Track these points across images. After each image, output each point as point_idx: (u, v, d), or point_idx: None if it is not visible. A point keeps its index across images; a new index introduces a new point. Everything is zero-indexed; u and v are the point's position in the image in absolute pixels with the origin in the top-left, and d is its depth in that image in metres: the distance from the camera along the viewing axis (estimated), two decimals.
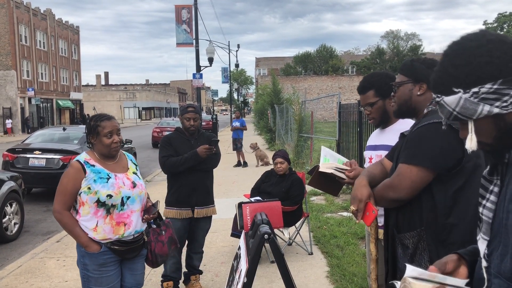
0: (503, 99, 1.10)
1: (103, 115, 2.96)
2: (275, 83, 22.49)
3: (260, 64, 72.70)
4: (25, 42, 43.16)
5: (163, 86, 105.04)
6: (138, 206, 2.95)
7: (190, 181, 4.23)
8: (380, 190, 1.98)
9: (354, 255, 5.27)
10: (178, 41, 23.20)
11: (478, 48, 1.14)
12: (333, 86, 52.53)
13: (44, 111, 46.97)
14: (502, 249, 1.14)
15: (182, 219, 4.27)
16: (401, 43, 68.01)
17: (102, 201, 2.79)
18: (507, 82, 1.09)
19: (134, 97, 77.08)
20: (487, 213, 1.21)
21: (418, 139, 1.87)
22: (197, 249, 4.51)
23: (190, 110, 4.28)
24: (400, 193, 1.87)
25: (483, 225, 1.23)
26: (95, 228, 2.82)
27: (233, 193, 9.70)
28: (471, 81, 1.13)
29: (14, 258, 6.02)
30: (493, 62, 1.11)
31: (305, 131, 13.30)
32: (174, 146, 4.25)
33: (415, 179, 1.84)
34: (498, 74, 1.10)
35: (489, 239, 1.20)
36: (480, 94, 1.12)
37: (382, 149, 2.71)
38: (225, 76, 52.07)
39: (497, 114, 1.12)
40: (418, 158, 1.84)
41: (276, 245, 2.18)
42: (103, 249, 2.84)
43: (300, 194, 5.45)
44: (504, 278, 1.12)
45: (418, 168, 1.83)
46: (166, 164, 4.19)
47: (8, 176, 7.08)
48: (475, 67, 1.13)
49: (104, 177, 2.84)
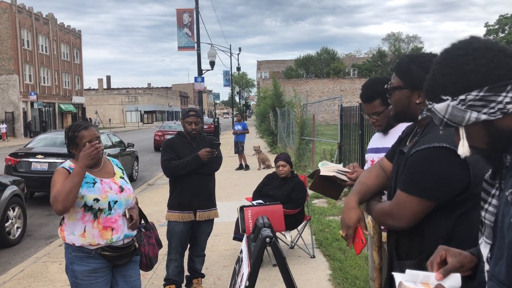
0: (490, 106, 1.12)
1: (80, 125, 2.87)
2: (277, 86, 22.49)
3: (262, 67, 72.78)
4: (27, 46, 43.32)
5: (165, 89, 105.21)
6: (125, 210, 2.92)
7: (192, 185, 4.25)
8: (378, 216, 1.88)
9: (356, 258, 5.27)
10: (180, 45, 23.23)
11: (464, 56, 1.16)
12: (334, 88, 52.53)
13: (46, 115, 47.10)
14: (497, 252, 1.15)
15: (185, 222, 4.29)
16: (403, 45, 67.93)
17: (89, 205, 2.75)
18: (493, 89, 1.11)
19: (136, 100, 77.21)
20: (489, 217, 1.22)
21: (418, 166, 1.71)
22: (199, 252, 4.53)
23: (192, 114, 4.32)
24: (400, 223, 1.76)
25: (486, 229, 1.23)
26: (83, 233, 2.77)
27: (235, 196, 9.71)
28: (458, 89, 1.15)
29: (17, 262, 6.03)
30: (478, 70, 1.13)
31: (306, 134, 13.30)
32: (176, 150, 4.28)
33: (416, 210, 1.71)
34: (483, 82, 1.12)
35: (492, 243, 1.20)
36: (467, 101, 1.14)
37: (385, 151, 2.70)
38: (226, 79, 52.12)
39: (486, 121, 1.14)
40: (420, 189, 1.69)
41: (278, 248, 2.18)
42: (93, 254, 2.80)
43: (302, 197, 5.45)
44: (497, 281, 1.13)
45: (419, 199, 1.69)
46: (168, 168, 4.20)
47: (10, 180, 7.10)
48: (462, 75, 1.15)
49: (90, 182, 2.81)
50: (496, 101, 1.11)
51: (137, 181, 13.05)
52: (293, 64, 68.59)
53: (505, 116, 1.12)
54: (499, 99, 1.11)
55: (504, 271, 1.10)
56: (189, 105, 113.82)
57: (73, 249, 2.82)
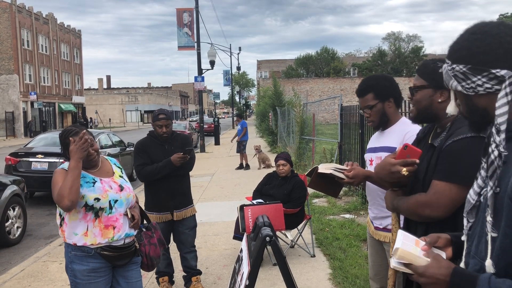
0: (467, 82, 1.30)
1: (72, 130, 2.87)
2: (277, 85, 22.49)
3: (262, 67, 72.74)
4: (27, 46, 43.33)
5: (165, 89, 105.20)
6: (126, 208, 2.93)
7: (166, 186, 4.31)
8: (413, 207, 1.88)
9: (356, 257, 5.27)
10: (180, 44, 23.22)
11: (471, 34, 1.31)
12: (334, 88, 52.50)
13: (46, 115, 47.10)
14: (480, 231, 1.23)
15: (163, 222, 4.36)
16: (403, 44, 67.94)
17: (90, 204, 2.76)
18: (473, 70, 1.27)
19: (136, 100, 77.19)
20: (473, 195, 1.30)
21: (456, 155, 1.78)
22: (189, 248, 4.57)
23: (162, 118, 4.27)
24: (438, 212, 1.80)
25: (468, 207, 1.31)
26: (86, 232, 2.78)
27: (235, 196, 9.71)
28: (454, 58, 1.34)
29: (17, 261, 6.03)
30: (470, 48, 1.29)
31: (306, 133, 13.30)
32: (149, 152, 4.30)
33: (455, 197, 1.76)
34: (469, 60, 1.29)
35: (474, 220, 1.29)
36: (454, 70, 1.33)
37: (383, 150, 2.71)
38: (226, 78, 52.14)
39: (463, 93, 1.32)
40: (458, 176, 1.75)
41: (278, 247, 2.18)
42: (93, 253, 2.80)
43: (302, 196, 5.46)
44: (479, 258, 1.22)
45: (458, 187, 1.75)
46: (141, 173, 4.26)
47: (10, 180, 7.10)
48: (460, 48, 1.33)
49: (90, 181, 2.82)
50: (471, 80, 1.29)
51: (137, 180, 13.05)
52: (293, 64, 68.57)
53: (478, 95, 1.29)
54: (473, 79, 1.28)
55: (485, 249, 1.18)
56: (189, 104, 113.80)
57: (73, 248, 2.82)
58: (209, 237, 6.57)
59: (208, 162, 16.80)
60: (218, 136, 26.61)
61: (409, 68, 63.48)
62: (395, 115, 2.74)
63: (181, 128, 22.88)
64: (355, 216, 7.37)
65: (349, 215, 7.44)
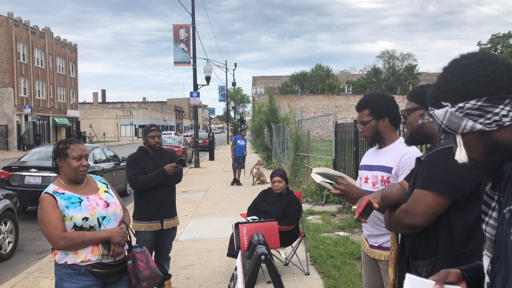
0: (487, 116, 1.14)
1: (72, 139, 3.01)
2: (272, 101, 22.57)
3: (257, 83, 73.13)
4: (23, 59, 43.35)
5: (160, 104, 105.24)
6: (114, 224, 2.90)
7: (158, 196, 4.64)
8: (397, 215, 1.95)
9: (351, 275, 5.24)
10: (176, 60, 23.34)
11: (468, 66, 1.19)
12: (329, 105, 52.79)
13: (40, 128, 46.90)
14: (504, 273, 1.15)
15: (152, 231, 4.64)
16: (397, 62, 68.60)
17: (79, 225, 2.74)
18: (491, 100, 1.13)
19: (131, 114, 77.16)
20: (490, 230, 1.23)
21: (433, 164, 1.85)
22: (165, 256, 4.87)
23: (154, 129, 4.71)
24: (415, 219, 1.84)
25: (487, 242, 1.24)
26: (76, 251, 2.75)
27: (229, 212, 9.66)
28: (458, 96, 1.18)
29: (8, 277, 5.94)
30: (478, 80, 1.15)
31: (301, 150, 13.32)
32: (141, 165, 4.63)
33: (431, 205, 1.80)
34: (482, 92, 1.14)
35: (492, 256, 1.21)
36: (464, 109, 1.16)
37: (379, 169, 2.72)
38: (222, 94, 52.28)
39: (482, 131, 1.15)
40: (433, 183, 1.81)
41: (272, 265, 2.18)
42: (83, 271, 2.77)
43: (297, 213, 5.44)
44: None
45: (433, 194, 1.80)
46: (136, 182, 4.56)
47: (3, 194, 7.04)
48: (462, 83, 1.17)
49: (76, 201, 2.80)
50: (492, 112, 1.13)
51: (130, 195, 12.97)
52: (288, 80, 69.00)
53: (501, 129, 1.14)
54: (496, 111, 1.12)
55: None
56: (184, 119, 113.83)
57: (63, 266, 2.79)
58: (203, 253, 6.52)
59: (203, 178, 16.75)
60: (213, 151, 26.58)
61: (403, 86, 64.07)
62: (390, 135, 2.75)
63: (175, 143, 22.85)
64: (349, 233, 7.35)
65: (343, 232, 7.42)
